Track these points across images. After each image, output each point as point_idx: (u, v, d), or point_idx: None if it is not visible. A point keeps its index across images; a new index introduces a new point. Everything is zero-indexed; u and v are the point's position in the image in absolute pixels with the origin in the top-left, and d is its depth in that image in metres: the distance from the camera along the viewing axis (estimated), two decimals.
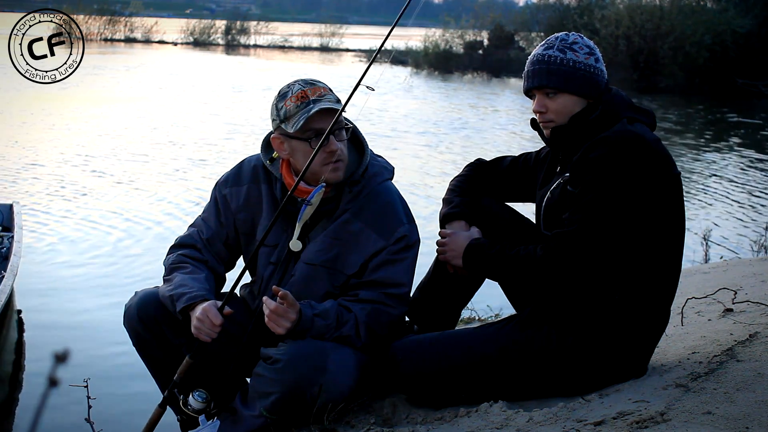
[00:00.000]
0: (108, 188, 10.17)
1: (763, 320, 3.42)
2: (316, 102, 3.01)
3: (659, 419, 2.45)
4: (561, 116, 3.00)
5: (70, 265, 7.17)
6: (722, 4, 31.28)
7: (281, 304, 2.92)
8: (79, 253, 7.50)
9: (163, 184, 10.56)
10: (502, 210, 3.33)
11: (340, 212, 3.14)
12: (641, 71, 28.84)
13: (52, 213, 8.83)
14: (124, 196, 9.79)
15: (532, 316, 3.02)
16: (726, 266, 5.68)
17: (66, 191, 9.90)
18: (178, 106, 19.02)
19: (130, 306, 3.26)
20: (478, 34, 37.86)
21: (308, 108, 3.00)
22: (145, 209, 9.21)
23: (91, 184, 10.34)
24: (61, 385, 0.99)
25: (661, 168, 2.87)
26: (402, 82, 26.65)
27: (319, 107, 3.00)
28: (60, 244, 7.77)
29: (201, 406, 3.05)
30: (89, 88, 20.86)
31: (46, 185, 10.13)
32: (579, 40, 3.05)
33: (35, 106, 17.24)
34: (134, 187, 10.32)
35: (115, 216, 8.85)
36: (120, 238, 8.07)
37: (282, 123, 3.06)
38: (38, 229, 8.14)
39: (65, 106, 17.70)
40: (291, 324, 2.94)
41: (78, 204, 9.30)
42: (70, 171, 11.06)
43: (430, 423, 2.98)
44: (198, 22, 48.28)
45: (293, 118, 3.02)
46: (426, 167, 12.47)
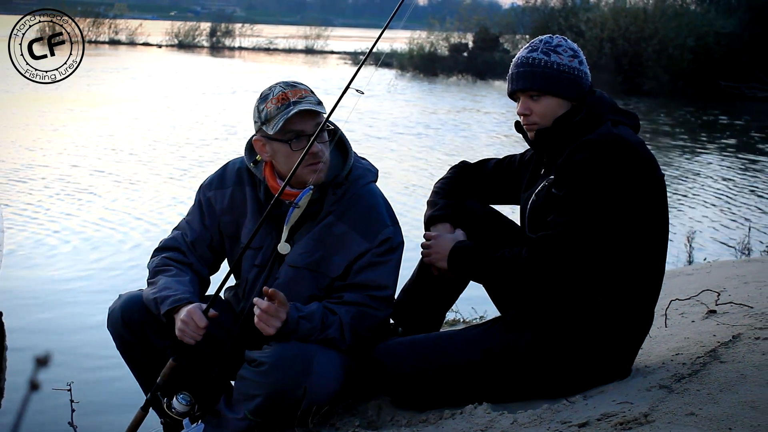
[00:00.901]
0: (98, 190, 10.13)
1: (746, 321, 3.44)
2: (296, 104, 3.01)
3: (643, 420, 2.46)
4: (545, 119, 3.01)
5: (53, 267, 7.14)
6: (705, 6, 31.45)
7: (272, 303, 2.92)
8: (64, 256, 7.47)
9: (153, 185, 10.53)
10: (487, 212, 3.33)
11: (324, 214, 3.14)
12: (625, 74, 28.95)
13: (34, 215, 8.79)
14: (112, 199, 9.75)
15: (516, 318, 3.02)
16: (709, 268, 5.70)
17: (51, 191, 9.87)
18: (171, 108, 18.97)
19: (113, 309, 3.25)
20: (463, 37, 37.89)
21: (288, 110, 3.00)
22: (133, 212, 9.18)
23: (80, 186, 10.29)
24: (43, 388, 0.98)
25: (645, 170, 2.88)
26: (387, 85, 26.64)
27: (299, 108, 2.99)
28: (42, 246, 7.73)
29: (185, 409, 3.04)
30: (80, 90, 20.74)
31: (30, 187, 10.08)
32: (563, 42, 3.06)
33: (34, 107, 17.20)
34: (123, 189, 10.29)
35: (98, 220, 8.81)
36: (103, 241, 8.04)
37: (263, 125, 3.06)
38: (21, 230, 8.10)
39: (57, 107, 17.64)
40: (281, 324, 2.94)
41: (61, 207, 9.26)
42: (57, 172, 11.01)
43: (415, 425, 2.98)
44: (183, 25, 48.24)
45: (273, 120, 3.02)
46: (410, 169, 12.47)
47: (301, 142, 3.02)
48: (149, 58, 37.21)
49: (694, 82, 29.07)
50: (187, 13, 72.57)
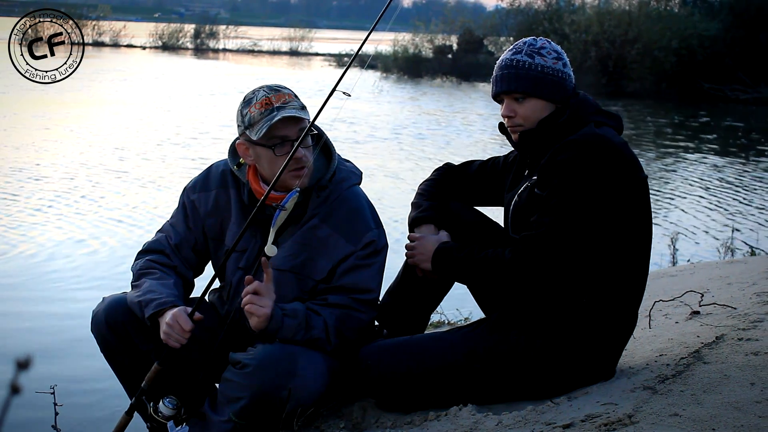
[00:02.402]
0: (86, 190, 10.10)
1: (730, 322, 3.45)
2: (279, 109, 3.00)
3: (627, 421, 2.47)
4: (529, 121, 3.02)
5: (38, 268, 7.10)
6: (688, 9, 31.61)
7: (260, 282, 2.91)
8: (47, 258, 7.43)
9: (144, 187, 10.49)
10: (471, 214, 3.33)
11: (308, 217, 3.14)
12: (609, 76, 29.06)
13: (17, 216, 8.75)
14: (99, 198, 9.71)
15: (500, 320, 3.02)
16: (693, 269, 5.73)
17: (41, 193, 9.84)
18: (162, 110, 18.91)
19: (97, 312, 3.23)
20: (447, 39, 37.94)
21: (272, 116, 2.99)
22: (120, 212, 9.14)
23: (67, 186, 10.26)
24: (25, 392, 0.98)
25: (628, 171, 2.89)
26: (372, 87, 26.65)
27: (282, 115, 2.98)
28: (25, 246, 7.69)
29: (171, 413, 3.03)
30: (70, 91, 20.65)
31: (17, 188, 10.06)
32: (547, 45, 3.07)
33: (29, 107, 17.14)
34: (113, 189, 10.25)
35: (82, 221, 8.78)
36: (87, 243, 8.00)
37: (246, 129, 3.05)
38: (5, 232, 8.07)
39: (50, 108, 17.58)
40: (270, 311, 2.92)
41: (48, 207, 9.23)
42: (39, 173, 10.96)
43: (400, 427, 2.98)
44: (167, 26, 48.08)
45: (257, 125, 3.01)
46: (394, 172, 12.47)
47: (284, 147, 3.01)
48: (134, 59, 37.08)
49: (677, 84, 29.22)
50: (171, 15, 72.34)
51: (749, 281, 4.52)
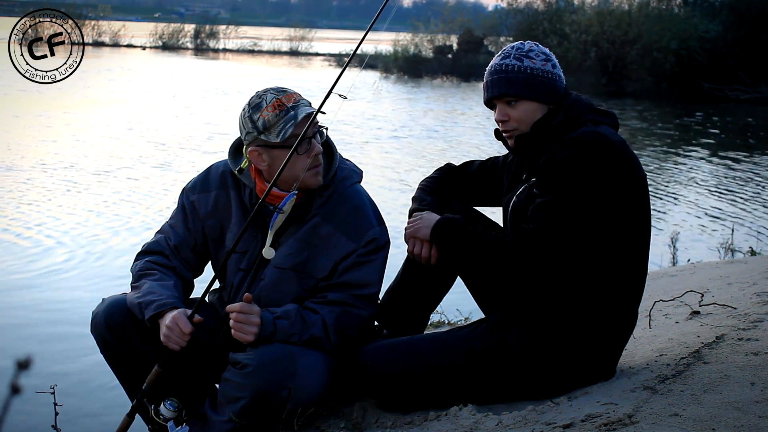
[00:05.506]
0: (85, 187, 10.10)
1: (730, 322, 3.45)
2: (294, 108, 3.01)
3: (627, 421, 2.47)
4: (523, 124, 3.02)
5: (36, 268, 7.10)
6: (688, 10, 31.60)
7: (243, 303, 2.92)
8: (47, 259, 7.43)
9: (141, 189, 10.50)
10: (471, 214, 3.33)
11: (311, 217, 3.14)
12: (609, 76, 29.07)
13: (17, 216, 8.76)
14: (98, 196, 9.72)
15: (500, 320, 3.02)
16: (693, 269, 5.73)
17: (42, 193, 9.84)
18: (162, 110, 18.92)
19: (97, 313, 3.23)
20: (447, 39, 37.94)
21: (290, 115, 2.99)
22: (117, 212, 9.15)
23: (65, 186, 10.26)
24: (26, 392, 0.98)
25: (627, 169, 2.90)
26: (371, 87, 26.66)
27: (304, 113, 2.99)
28: (24, 246, 7.69)
29: (173, 415, 3.03)
30: (70, 91, 20.65)
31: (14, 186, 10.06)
32: (535, 47, 3.08)
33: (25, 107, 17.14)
34: (112, 188, 10.25)
35: (82, 221, 8.78)
36: (87, 244, 8.00)
37: (261, 134, 3.03)
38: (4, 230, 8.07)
39: (49, 108, 17.59)
40: (257, 329, 2.93)
41: (48, 207, 9.23)
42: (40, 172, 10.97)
43: (400, 427, 2.98)
44: (167, 26, 48.06)
45: (275, 127, 3.00)
46: (395, 172, 12.47)
47: (304, 146, 3.02)
48: (135, 59, 37.06)
49: (677, 84, 29.23)
50: (171, 15, 72.35)
51: (749, 281, 4.52)
